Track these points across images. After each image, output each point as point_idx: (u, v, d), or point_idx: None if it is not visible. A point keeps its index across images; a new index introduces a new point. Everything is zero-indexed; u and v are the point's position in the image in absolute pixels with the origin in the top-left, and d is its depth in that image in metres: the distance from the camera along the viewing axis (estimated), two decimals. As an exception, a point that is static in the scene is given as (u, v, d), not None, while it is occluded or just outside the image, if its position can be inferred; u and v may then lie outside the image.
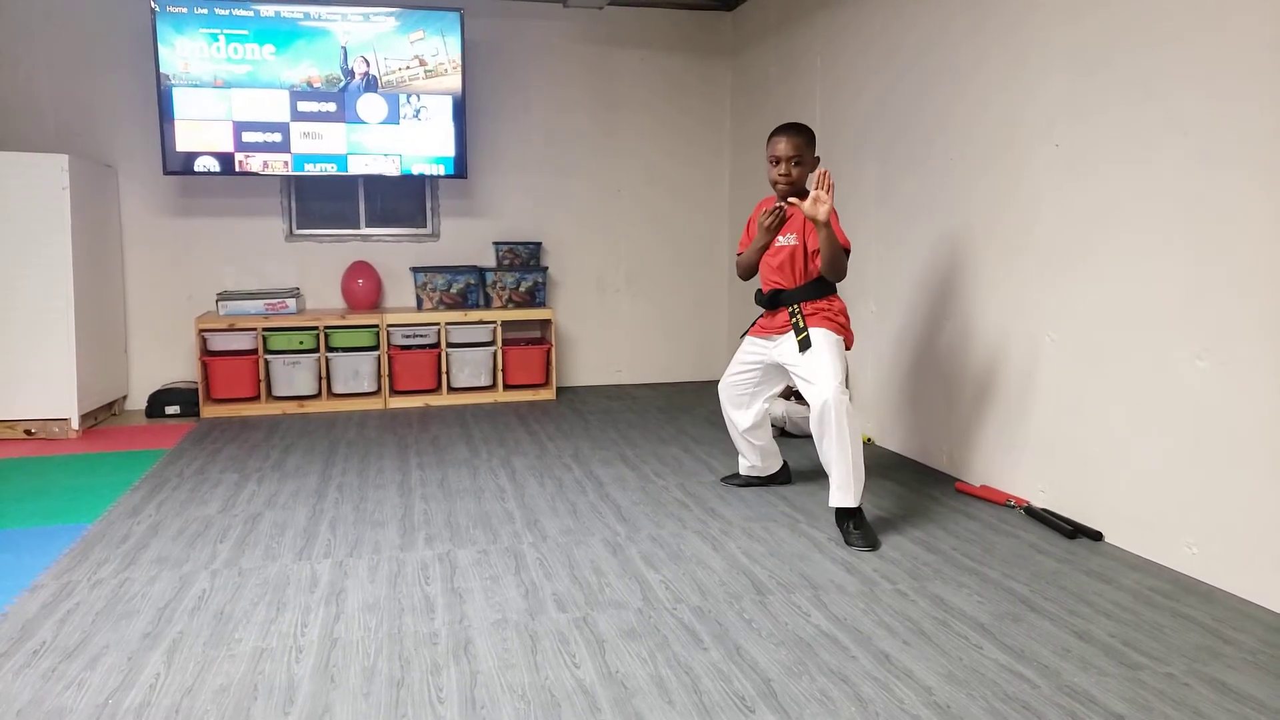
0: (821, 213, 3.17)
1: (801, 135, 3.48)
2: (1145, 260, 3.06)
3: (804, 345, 3.38)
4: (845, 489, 3.28)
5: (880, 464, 4.33)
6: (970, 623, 2.61)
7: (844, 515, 3.32)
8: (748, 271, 3.65)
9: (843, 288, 4.84)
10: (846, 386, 3.39)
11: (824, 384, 3.30)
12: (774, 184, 3.50)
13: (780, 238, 3.51)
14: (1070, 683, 2.27)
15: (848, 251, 3.35)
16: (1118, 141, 3.15)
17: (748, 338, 3.73)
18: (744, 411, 3.80)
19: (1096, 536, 3.27)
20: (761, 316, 3.66)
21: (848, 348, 3.48)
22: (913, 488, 3.96)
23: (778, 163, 3.47)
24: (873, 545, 3.23)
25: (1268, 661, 2.37)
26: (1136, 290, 3.10)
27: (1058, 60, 3.41)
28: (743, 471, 3.99)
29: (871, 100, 4.68)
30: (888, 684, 2.26)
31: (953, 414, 4.10)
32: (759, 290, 3.65)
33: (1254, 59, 2.67)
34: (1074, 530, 3.30)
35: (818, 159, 3.53)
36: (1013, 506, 3.62)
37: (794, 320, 3.45)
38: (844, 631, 2.56)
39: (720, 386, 3.84)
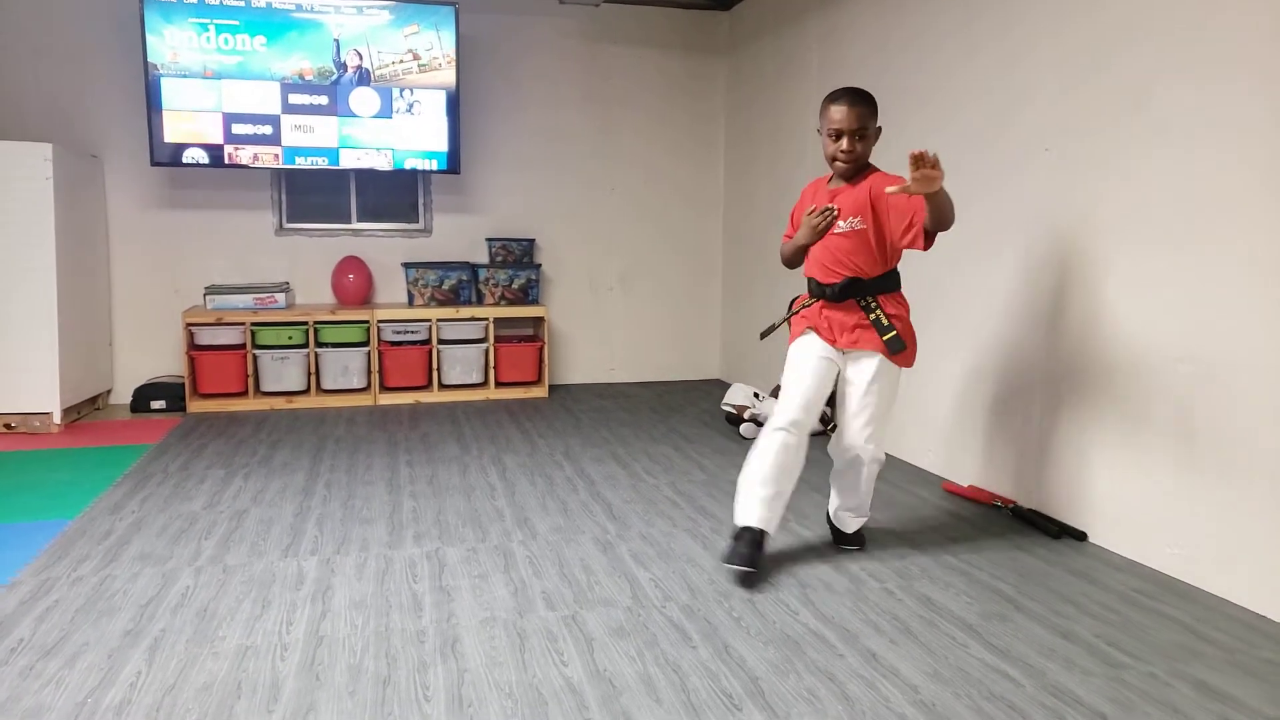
0: (935, 186, 2.58)
1: (866, 104, 2.90)
2: (1131, 264, 3.06)
3: (896, 346, 2.92)
4: (856, 517, 3.20)
5: (869, 463, 4.33)
6: (957, 622, 2.62)
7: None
8: (792, 263, 3.15)
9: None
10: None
11: (865, 434, 2.97)
12: (832, 160, 2.95)
13: (840, 222, 2.93)
14: (1055, 682, 2.27)
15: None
16: (1107, 146, 3.16)
17: (812, 340, 3.02)
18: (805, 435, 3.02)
19: (1081, 537, 3.28)
20: (815, 308, 3.03)
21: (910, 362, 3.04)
22: (900, 487, 3.96)
23: (839, 137, 2.89)
24: (857, 544, 3.23)
25: (1246, 660, 2.38)
26: (1122, 293, 3.11)
27: (1050, 61, 3.41)
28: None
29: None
30: (874, 682, 2.27)
31: (941, 414, 4.11)
32: (815, 280, 3.02)
33: (1248, 56, 2.67)
34: (1059, 531, 3.31)
35: (879, 130, 2.96)
36: (1000, 507, 3.63)
37: (874, 317, 2.92)
38: (831, 630, 2.56)
39: (801, 423, 2.97)
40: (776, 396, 5.01)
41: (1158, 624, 2.61)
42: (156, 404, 5.56)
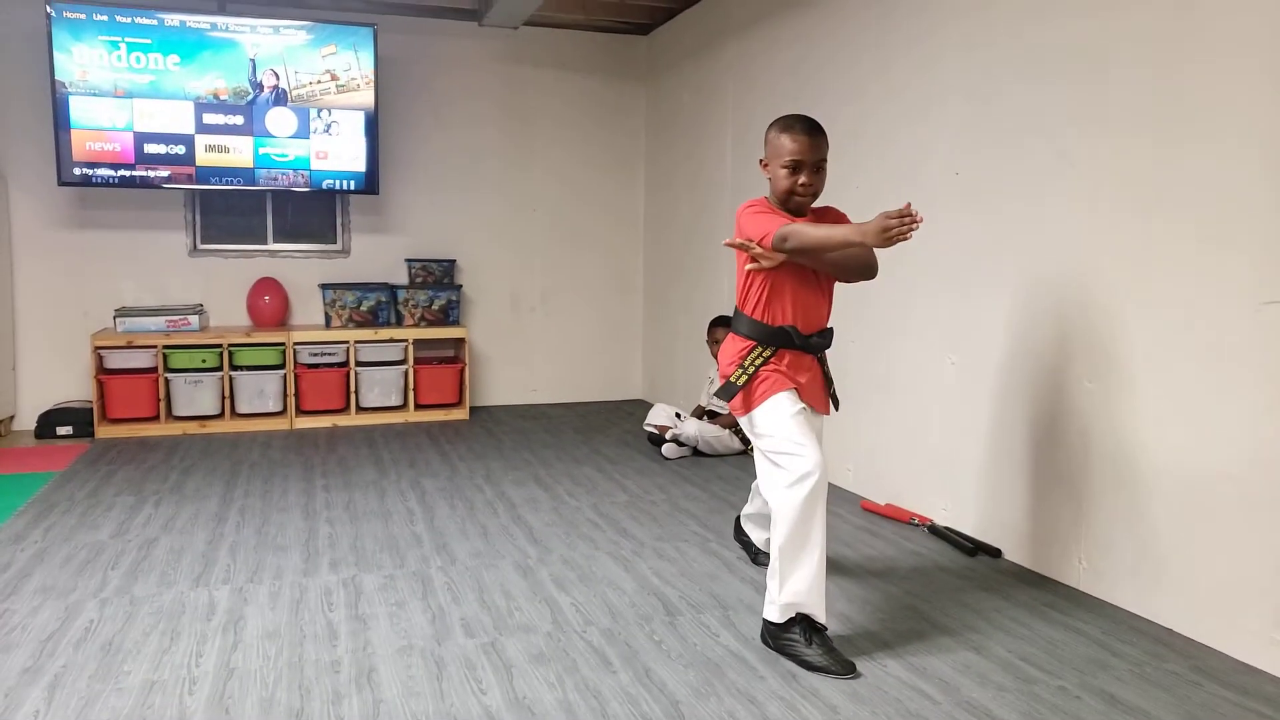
0: (773, 261, 2.54)
1: (822, 133, 2.64)
2: (1036, 287, 3.19)
3: (837, 405, 2.82)
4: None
5: (791, 484, 4.39)
6: (874, 640, 2.66)
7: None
8: (845, 267, 2.75)
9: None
10: None
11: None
12: (788, 195, 2.61)
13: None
14: (969, 698, 2.33)
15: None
16: (1009, 173, 3.28)
17: (788, 396, 2.61)
18: None
19: (996, 553, 3.38)
20: (778, 361, 2.65)
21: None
22: (822, 507, 4.02)
23: (796, 169, 2.58)
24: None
25: (1153, 674, 2.47)
26: (1028, 315, 3.22)
27: (955, 91, 3.54)
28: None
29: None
30: (794, 703, 2.29)
31: (859, 433, 4.19)
32: (781, 329, 2.64)
33: (1138, 98, 2.81)
34: (974, 548, 3.40)
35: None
36: (916, 524, 3.72)
37: (828, 380, 2.76)
38: (752, 651, 2.58)
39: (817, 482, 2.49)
40: (699, 416, 5.06)
41: (1067, 638, 2.70)
42: (63, 430, 5.34)
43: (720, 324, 5.15)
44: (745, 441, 4.96)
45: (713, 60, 5.57)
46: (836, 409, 2.84)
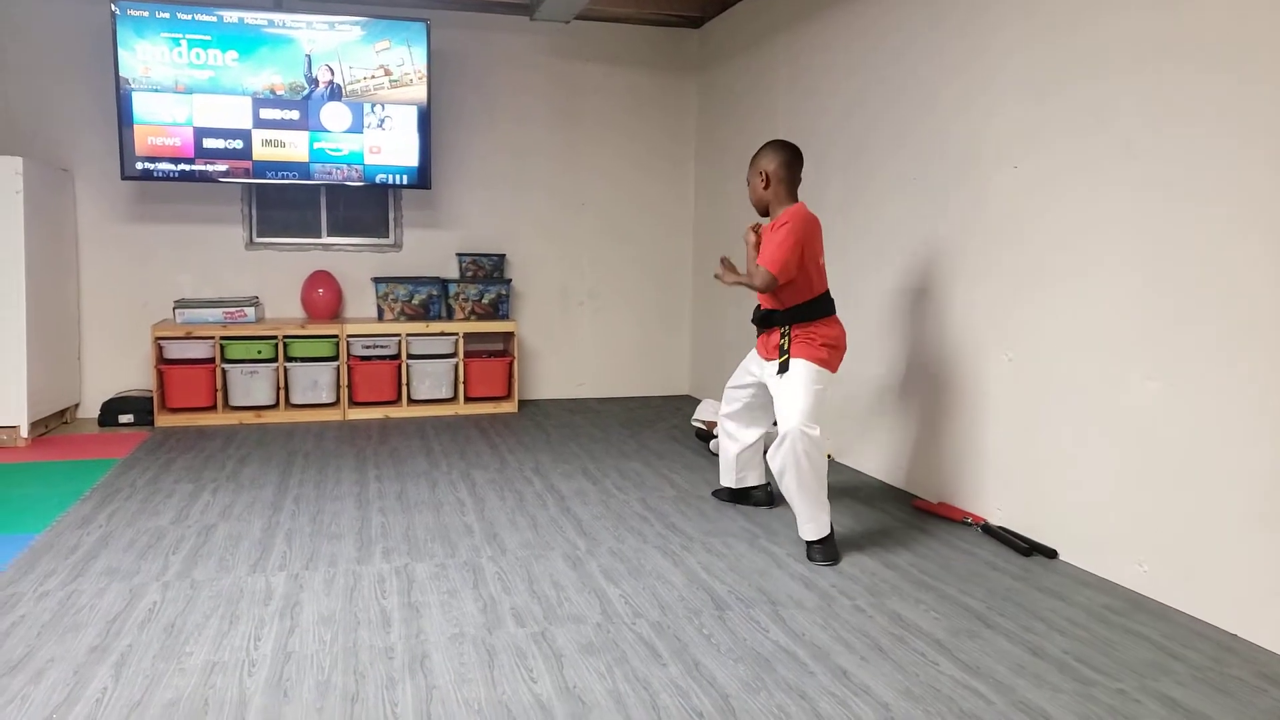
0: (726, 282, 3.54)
1: (755, 155, 3.57)
2: (1099, 282, 3.12)
3: (782, 369, 3.37)
4: (809, 523, 3.29)
5: (839, 481, 4.36)
6: (927, 639, 2.64)
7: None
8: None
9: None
10: (816, 421, 3.30)
11: (788, 418, 3.29)
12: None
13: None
14: (1024, 699, 2.29)
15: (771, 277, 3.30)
16: (1072, 166, 3.22)
17: (752, 351, 3.69)
18: (741, 427, 3.76)
19: (1051, 554, 3.32)
20: (759, 335, 3.59)
21: (834, 369, 3.42)
22: (871, 504, 3.99)
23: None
24: (832, 560, 3.25)
25: (1216, 678, 2.42)
26: (1090, 312, 3.16)
27: (1014, 84, 3.48)
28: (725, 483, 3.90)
29: (834, 118, 4.74)
30: (845, 700, 2.27)
31: (911, 431, 4.14)
32: (756, 307, 3.57)
33: (1204, 84, 2.74)
34: (1029, 548, 3.34)
35: (766, 175, 3.48)
36: (970, 524, 3.67)
37: (782, 343, 3.40)
38: (802, 647, 2.57)
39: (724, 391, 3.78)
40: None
41: (1127, 641, 2.64)
42: (125, 418, 5.48)
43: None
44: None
45: (765, 53, 5.54)
46: (780, 360, 3.40)
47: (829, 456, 4.77)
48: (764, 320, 3.51)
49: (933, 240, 4.00)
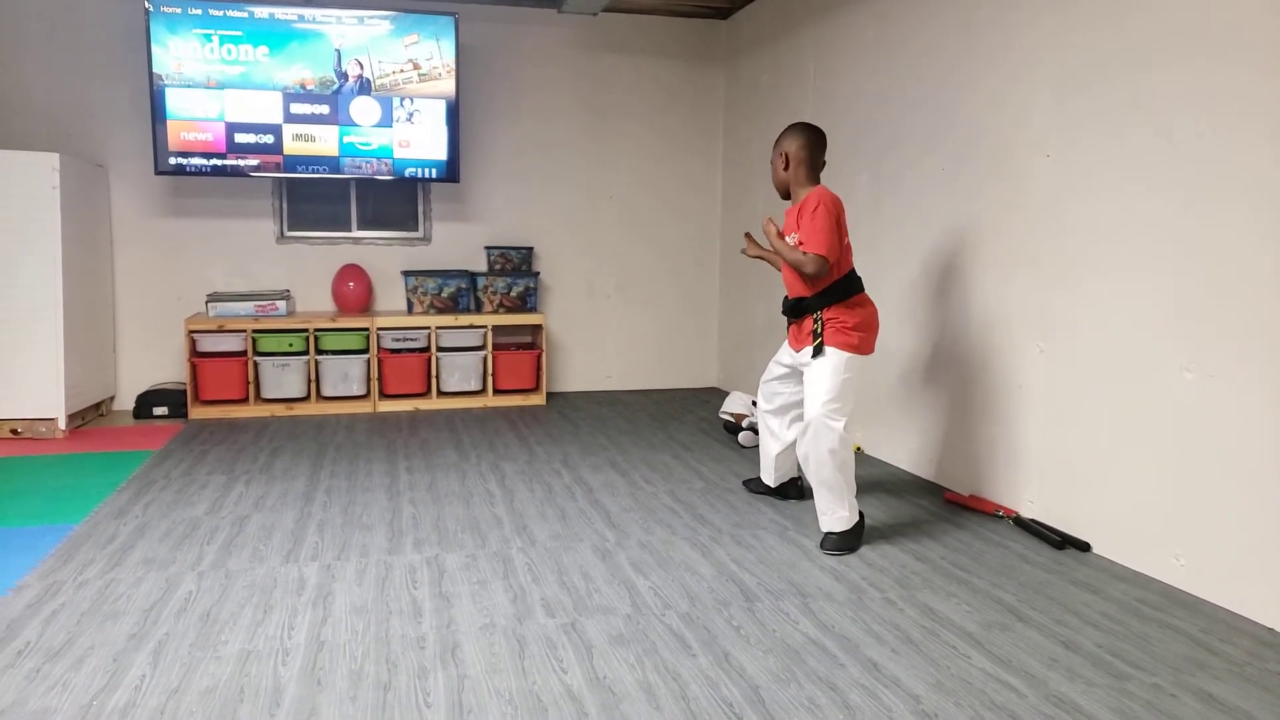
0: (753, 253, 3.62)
1: (779, 137, 3.56)
2: (1134, 272, 3.08)
3: (817, 352, 3.34)
4: (824, 515, 3.31)
5: (869, 472, 4.33)
6: (958, 632, 2.62)
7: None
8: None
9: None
10: (843, 412, 3.30)
11: (811, 407, 3.31)
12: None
13: (788, 237, 3.41)
14: (1057, 692, 2.27)
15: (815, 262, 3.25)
16: (1108, 156, 3.17)
17: (784, 343, 3.66)
18: (782, 425, 3.73)
19: (1085, 547, 3.28)
20: (790, 325, 3.56)
21: (868, 352, 3.39)
22: (901, 497, 3.97)
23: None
24: (840, 551, 3.25)
25: (1254, 673, 2.38)
26: (1125, 302, 3.12)
27: (1048, 75, 3.43)
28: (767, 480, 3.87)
29: (864, 110, 4.70)
30: (875, 692, 2.27)
31: (942, 423, 4.11)
32: (784, 298, 3.54)
33: (1244, 75, 2.69)
34: (1062, 541, 3.31)
35: (787, 156, 3.45)
36: (1001, 516, 3.63)
37: (815, 328, 3.35)
38: (832, 639, 2.56)
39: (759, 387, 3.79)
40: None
41: (1163, 635, 2.61)
42: (159, 410, 5.56)
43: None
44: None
45: (793, 43, 5.51)
46: (814, 345, 3.37)
47: (857, 448, 4.75)
48: (794, 309, 3.46)
49: (965, 231, 3.96)
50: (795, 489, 3.88)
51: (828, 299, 3.35)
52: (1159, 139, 2.97)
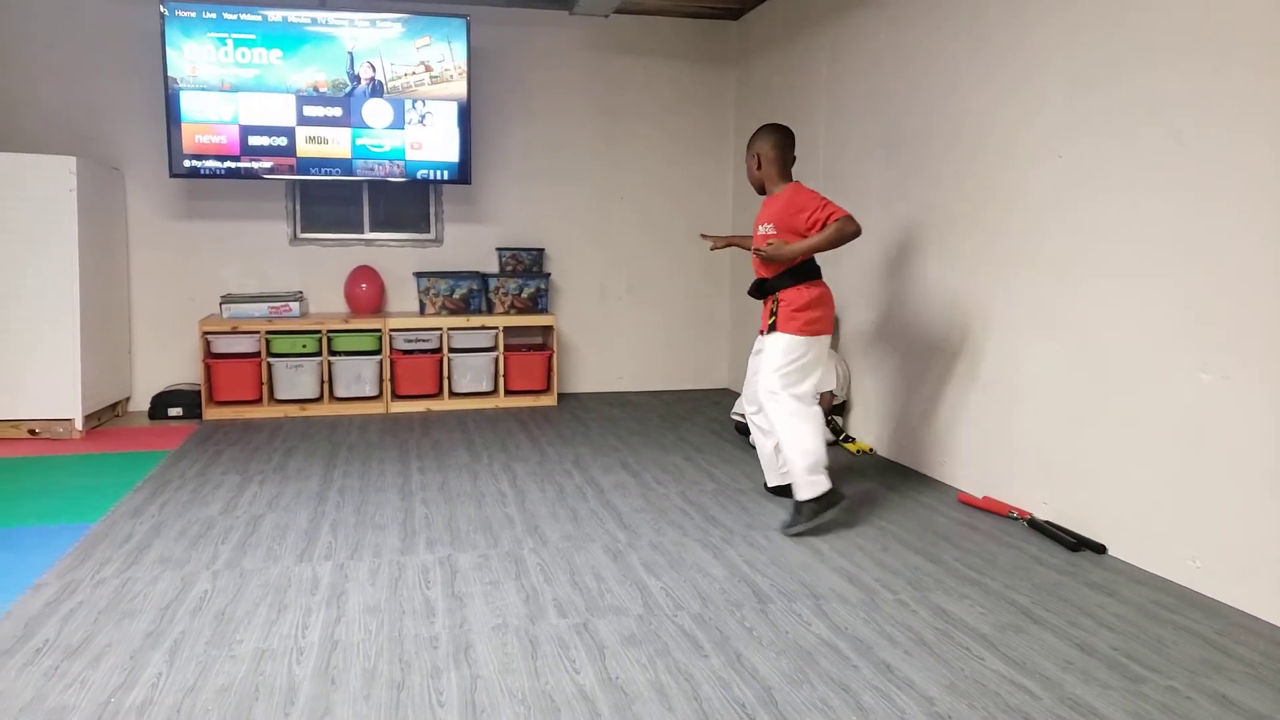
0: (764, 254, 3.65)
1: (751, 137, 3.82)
2: (1150, 273, 3.06)
3: (771, 330, 3.62)
4: (776, 472, 3.76)
5: (881, 474, 4.33)
6: (972, 633, 2.61)
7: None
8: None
9: (850, 294, 4.85)
10: (789, 387, 3.53)
11: (761, 385, 3.60)
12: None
13: (760, 226, 3.70)
14: (1072, 695, 2.26)
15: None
16: (1120, 155, 3.16)
17: (756, 343, 3.88)
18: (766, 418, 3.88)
19: (1100, 549, 3.27)
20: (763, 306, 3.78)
21: (826, 333, 3.62)
22: (914, 498, 3.96)
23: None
24: (793, 525, 3.45)
25: (1270, 675, 2.37)
26: (1141, 302, 3.10)
27: (1058, 75, 3.42)
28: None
29: (876, 110, 4.69)
30: (889, 694, 2.26)
31: (955, 425, 4.10)
32: (752, 280, 3.77)
33: (1251, 76, 2.68)
34: (1077, 543, 3.29)
35: (759, 156, 3.72)
36: (1015, 518, 3.62)
37: (773, 305, 3.64)
38: (845, 641, 2.56)
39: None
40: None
41: (1178, 637, 2.60)
42: (174, 411, 5.60)
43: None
44: (836, 431, 4.91)
45: (805, 44, 5.50)
46: (768, 323, 3.65)
47: (869, 450, 4.74)
48: (758, 289, 3.72)
49: (977, 231, 3.95)
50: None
51: (786, 280, 3.60)
52: (1169, 139, 2.95)
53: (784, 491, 3.88)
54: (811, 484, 3.43)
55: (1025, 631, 2.63)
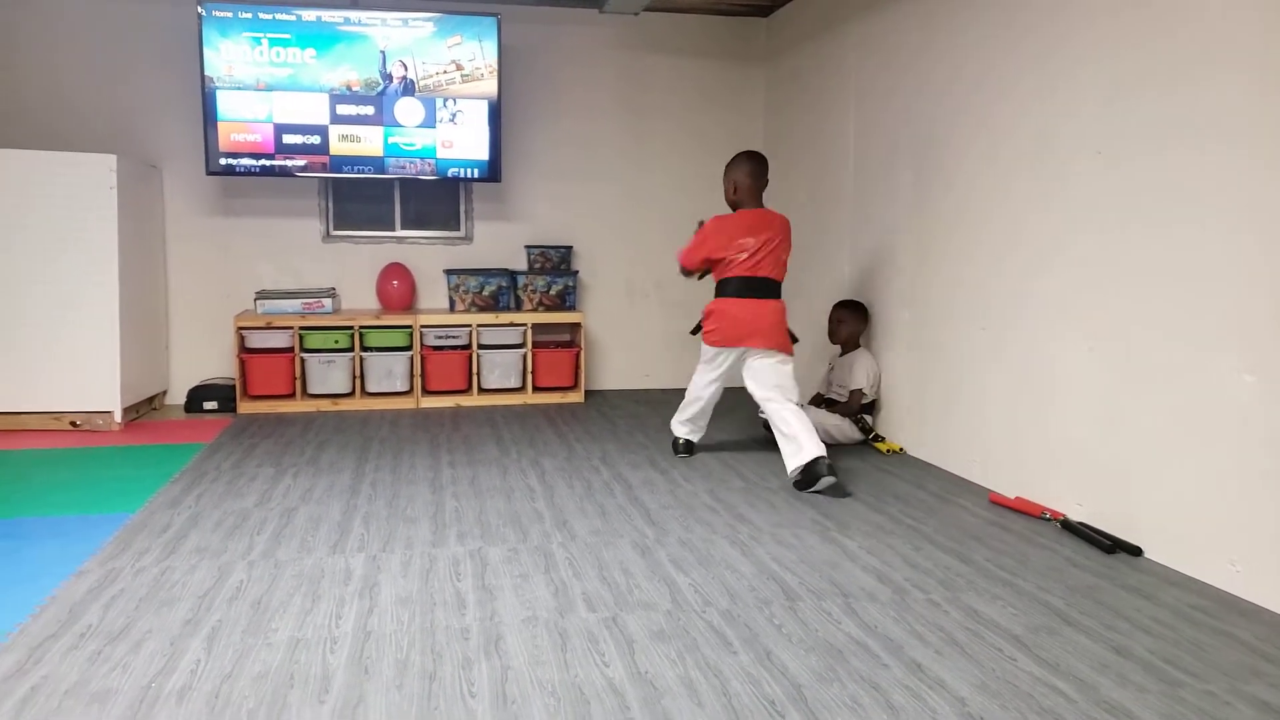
0: None
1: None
2: (1191, 271, 3.02)
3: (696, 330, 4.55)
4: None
5: (913, 474, 4.30)
6: (1004, 634, 2.59)
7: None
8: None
9: (881, 292, 4.83)
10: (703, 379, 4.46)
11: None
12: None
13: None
14: (1108, 698, 2.24)
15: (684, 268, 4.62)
16: (1160, 154, 3.12)
17: None
18: (761, 412, 4.51)
19: (1136, 552, 3.23)
20: None
21: (715, 343, 4.39)
22: (945, 498, 3.93)
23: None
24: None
25: (1309, 680, 2.33)
26: (1182, 302, 3.06)
27: (1092, 65, 3.38)
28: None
29: (906, 108, 4.66)
30: (919, 693, 2.25)
31: (987, 424, 4.07)
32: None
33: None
34: (1112, 545, 3.26)
35: (733, 182, 4.43)
36: (1048, 519, 3.59)
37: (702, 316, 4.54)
38: (875, 639, 2.55)
39: None
40: (817, 405, 5.02)
41: (1217, 642, 2.56)
42: (209, 405, 5.67)
43: (843, 306, 5.10)
44: (865, 430, 4.89)
45: (835, 40, 5.48)
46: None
47: (899, 450, 4.72)
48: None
49: (1010, 229, 3.91)
50: (827, 467, 3.89)
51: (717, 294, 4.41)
52: (1211, 140, 2.91)
53: (808, 480, 3.89)
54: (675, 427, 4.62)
55: (1059, 633, 2.60)
